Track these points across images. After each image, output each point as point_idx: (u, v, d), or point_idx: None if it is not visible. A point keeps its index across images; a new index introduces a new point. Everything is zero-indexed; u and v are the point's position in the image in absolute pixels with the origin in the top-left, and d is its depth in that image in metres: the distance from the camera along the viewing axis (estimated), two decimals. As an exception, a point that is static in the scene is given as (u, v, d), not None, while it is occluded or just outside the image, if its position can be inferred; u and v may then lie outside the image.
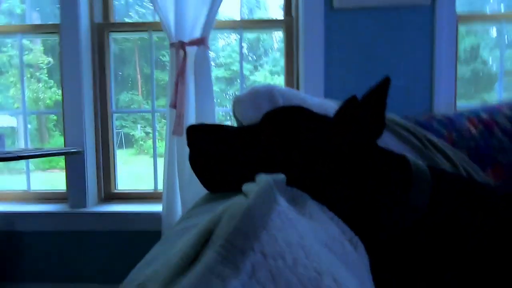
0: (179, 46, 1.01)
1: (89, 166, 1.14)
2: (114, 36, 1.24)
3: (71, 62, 1.11)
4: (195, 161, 0.46)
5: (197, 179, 0.46)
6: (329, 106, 0.70)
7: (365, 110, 0.43)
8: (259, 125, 0.47)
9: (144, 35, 1.21)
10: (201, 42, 1.01)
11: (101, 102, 1.20)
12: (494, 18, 1.18)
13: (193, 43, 1.01)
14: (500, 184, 0.64)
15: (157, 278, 0.16)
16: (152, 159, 1.27)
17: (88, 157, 1.14)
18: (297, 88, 1.15)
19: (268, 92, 0.64)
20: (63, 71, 1.12)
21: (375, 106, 0.43)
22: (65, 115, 1.13)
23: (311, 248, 0.19)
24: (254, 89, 0.65)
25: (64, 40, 1.11)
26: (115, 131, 1.25)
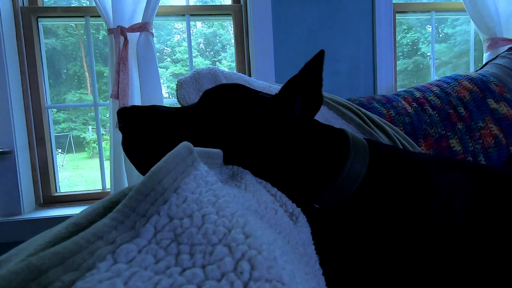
0: (119, 32, 0.93)
1: (21, 168, 1.02)
2: (45, 22, 1.12)
3: (-9, 51, 0.98)
4: (128, 147, 0.43)
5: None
6: (275, 89, 0.70)
7: (302, 85, 0.43)
8: (197, 103, 0.45)
9: (81, 21, 1.11)
10: (143, 27, 0.94)
11: (33, 96, 1.08)
12: (428, 8, 1.27)
13: (134, 29, 0.94)
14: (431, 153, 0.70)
15: (25, 250, 0.13)
16: (107, 162, 1.15)
17: (20, 157, 1.01)
18: (249, 75, 1.14)
19: (211, 74, 0.61)
20: (-19, 62, 0.98)
21: (312, 80, 0.43)
22: (-12, 112, 0.99)
23: (226, 206, 0.17)
24: (197, 71, 0.62)
25: (-20, 26, 0.97)
26: (52, 127, 1.13)
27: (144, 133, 0.42)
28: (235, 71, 0.67)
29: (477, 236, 0.36)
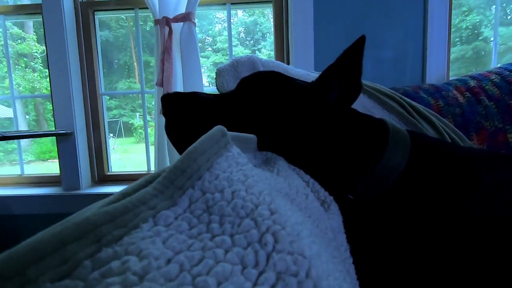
0: (164, 22, 0.98)
1: (80, 148, 1.14)
2: (100, 16, 1.21)
3: (56, 43, 1.09)
4: (171, 130, 0.46)
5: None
6: (313, 77, 0.69)
7: (340, 73, 0.42)
8: (235, 90, 0.47)
9: (131, 13, 1.19)
10: (186, 17, 0.98)
11: (90, 84, 1.19)
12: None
13: (178, 19, 0.99)
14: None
15: (87, 211, 0.16)
16: (152, 147, 1.20)
17: (79, 139, 1.14)
18: (288, 64, 1.13)
19: (249, 62, 0.62)
20: (48, 53, 1.10)
21: (351, 68, 0.42)
22: (54, 97, 1.12)
23: (254, 185, 0.19)
24: (236, 59, 0.64)
25: (47, 20, 1.09)
26: (105, 113, 1.24)
27: (185, 117, 0.45)
28: (274, 60, 0.67)
29: None
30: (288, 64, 1.13)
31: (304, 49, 1.06)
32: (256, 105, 0.43)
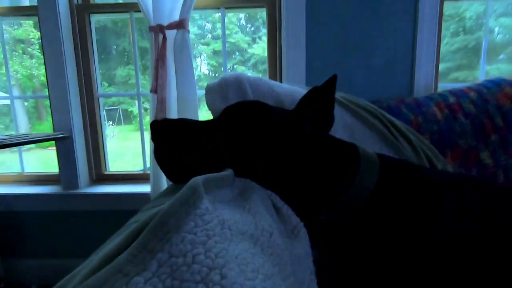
0: (158, 29, 1.00)
1: (78, 150, 1.18)
2: (96, 17, 1.22)
3: (52, 46, 1.11)
4: (159, 155, 0.50)
5: None
6: (299, 94, 0.72)
7: (314, 107, 0.45)
8: (219, 118, 0.50)
9: (126, 15, 1.20)
10: (180, 25, 1.00)
11: (86, 86, 1.21)
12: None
13: (172, 26, 1.00)
14: (457, 168, 0.68)
15: (74, 279, 0.20)
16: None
17: (77, 140, 1.17)
18: (280, 70, 1.16)
19: (236, 81, 0.65)
20: (45, 56, 1.12)
21: (324, 102, 0.45)
22: (52, 100, 1.15)
23: (213, 247, 0.23)
24: (223, 78, 0.66)
25: (43, 23, 1.10)
26: (102, 114, 1.27)
27: (173, 144, 0.49)
28: (260, 76, 0.70)
29: (483, 256, 0.37)
30: (281, 69, 1.15)
31: (296, 56, 1.08)
32: (237, 134, 0.47)
